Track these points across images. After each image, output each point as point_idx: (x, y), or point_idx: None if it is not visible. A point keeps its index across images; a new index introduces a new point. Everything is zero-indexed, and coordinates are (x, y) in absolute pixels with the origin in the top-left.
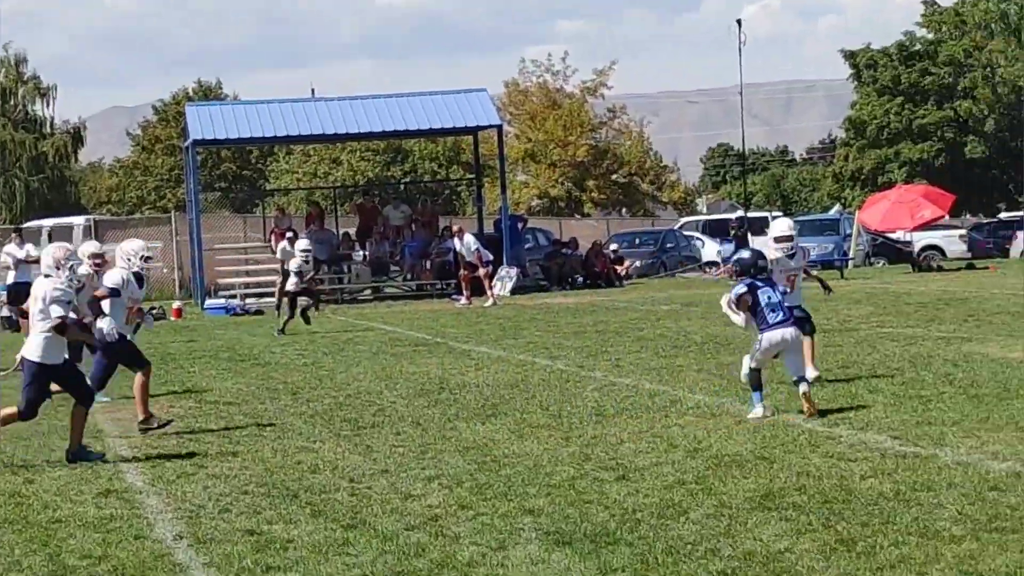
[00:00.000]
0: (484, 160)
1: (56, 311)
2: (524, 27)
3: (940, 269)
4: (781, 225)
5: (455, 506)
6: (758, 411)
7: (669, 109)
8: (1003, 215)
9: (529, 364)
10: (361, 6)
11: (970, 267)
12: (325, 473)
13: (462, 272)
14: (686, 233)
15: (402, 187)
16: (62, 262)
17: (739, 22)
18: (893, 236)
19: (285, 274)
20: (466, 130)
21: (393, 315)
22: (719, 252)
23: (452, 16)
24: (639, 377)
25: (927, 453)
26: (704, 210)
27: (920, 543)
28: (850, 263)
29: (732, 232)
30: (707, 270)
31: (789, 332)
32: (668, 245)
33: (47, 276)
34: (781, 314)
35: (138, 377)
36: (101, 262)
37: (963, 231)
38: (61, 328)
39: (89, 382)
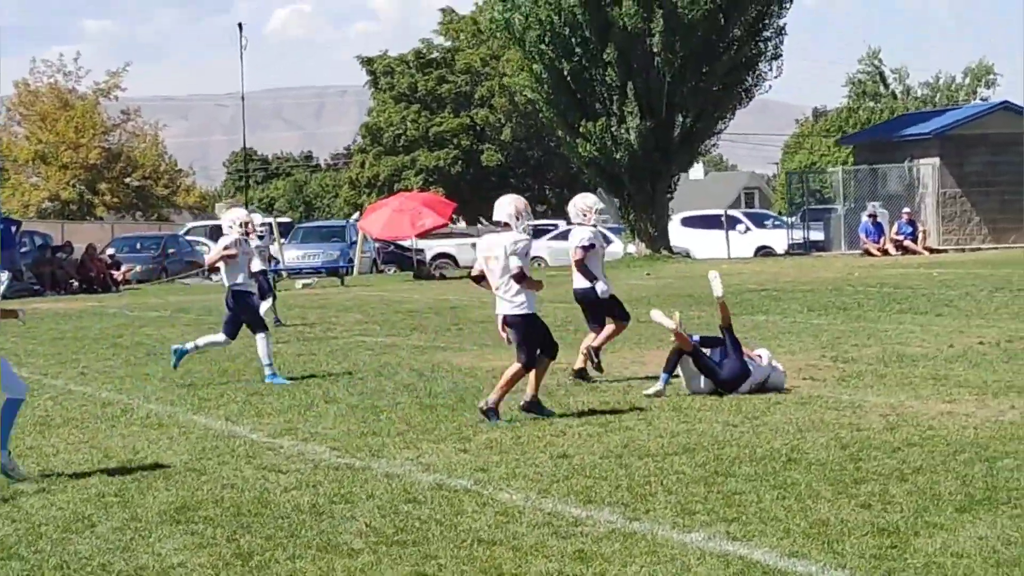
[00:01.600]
0: None
1: (515, 262)
2: (51, 21)
3: (443, 277)
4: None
5: None
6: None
7: (200, 112)
8: None
9: None
10: None
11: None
12: None
13: None
14: (191, 238)
15: None
16: (522, 214)
17: (240, 26)
18: (405, 243)
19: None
20: None
21: None
22: None
23: None
24: (100, 386)
25: (361, 464)
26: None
27: (317, 557)
28: (354, 270)
29: None
30: (212, 277)
31: None
32: (171, 250)
33: (506, 225)
34: None
35: (611, 327)
36: None
37: (476, 239)
38: (520, 277)
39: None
